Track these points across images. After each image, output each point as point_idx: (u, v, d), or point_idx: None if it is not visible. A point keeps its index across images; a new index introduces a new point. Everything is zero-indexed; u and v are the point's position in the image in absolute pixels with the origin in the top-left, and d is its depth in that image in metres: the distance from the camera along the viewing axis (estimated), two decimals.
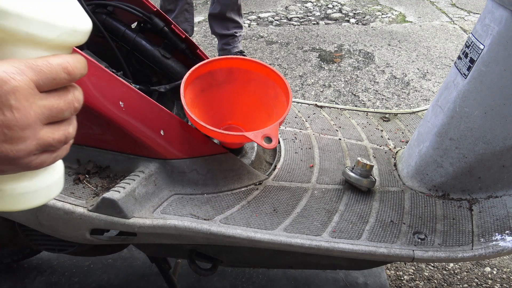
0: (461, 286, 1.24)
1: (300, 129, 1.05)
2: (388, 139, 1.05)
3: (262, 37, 2.97)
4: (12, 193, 0.38)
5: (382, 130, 1.09)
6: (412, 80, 2.39)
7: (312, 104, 1.17)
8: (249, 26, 3.16)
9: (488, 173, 0.83)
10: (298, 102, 1.17)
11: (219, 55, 2.51)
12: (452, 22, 3.24)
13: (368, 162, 0.86)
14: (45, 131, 0.34)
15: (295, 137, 1.01)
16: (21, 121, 0.32)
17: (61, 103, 0.35)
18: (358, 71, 2.49)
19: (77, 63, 0.35)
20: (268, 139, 0.75)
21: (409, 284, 1.24)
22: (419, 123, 1.02)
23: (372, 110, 1.17)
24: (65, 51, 0.37)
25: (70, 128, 0.37)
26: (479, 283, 1.26)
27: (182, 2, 2.36)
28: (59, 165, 0.42)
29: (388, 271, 1.28)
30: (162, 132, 0.77)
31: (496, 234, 0.77)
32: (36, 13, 0.34)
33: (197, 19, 3.29)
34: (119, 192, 0.73)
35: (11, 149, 0.32)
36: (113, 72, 0.73)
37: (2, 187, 0.37)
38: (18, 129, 0.32)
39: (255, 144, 0.94)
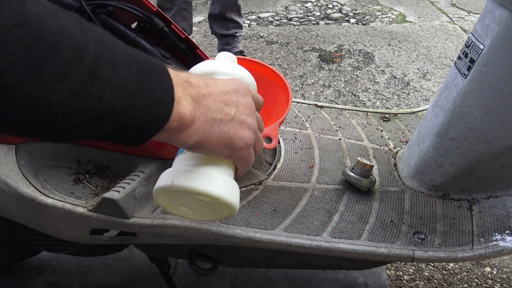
0: (461, 286, 1.24)
1: (300, 129, 1.05)
2: (388, 139, 1.05)
3: (262, 37, 2.97)
4: (223, 181, 0.48)
5: (382, 130, 1.09)
6: (412, 80, 2.39)
7: (312, 104, 1.17)
8: (249, 26, 3.16)
9: (488, 173, 0.83)
10: (298, 102, 1.17)
11: None
12: (452, 22, 3.24)
13: (368, 162, 0.86)
14: (257, 132, 0.50)
15: (295, 137, 1.01)
16: (252, 106, 0.49)
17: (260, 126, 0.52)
18: (358, 71, 2.49)
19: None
20: (268, 139, 0.75)
21: (409, 284, 1.24)
22: (419, 123, 1.02)
23: (372, 110, 1.17)
24: None
25: (261, 145, 0.53)
26: (479, 283, 1.26)
27: (180, 1, 2.35)
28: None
29: (388, 271, 1.28)
30: None
31: (496, 234, 0.77)
32: None
33: (197, 19, 3.29)
34: (119, 192, 0.73)
35: (251, 121, 0.48)
36: None
37: (217, 174, 0.48)
38: (251, 110, 0.49)
39: None
